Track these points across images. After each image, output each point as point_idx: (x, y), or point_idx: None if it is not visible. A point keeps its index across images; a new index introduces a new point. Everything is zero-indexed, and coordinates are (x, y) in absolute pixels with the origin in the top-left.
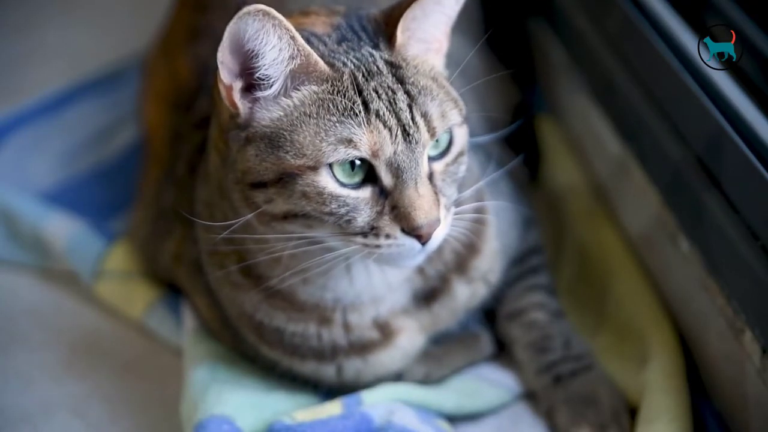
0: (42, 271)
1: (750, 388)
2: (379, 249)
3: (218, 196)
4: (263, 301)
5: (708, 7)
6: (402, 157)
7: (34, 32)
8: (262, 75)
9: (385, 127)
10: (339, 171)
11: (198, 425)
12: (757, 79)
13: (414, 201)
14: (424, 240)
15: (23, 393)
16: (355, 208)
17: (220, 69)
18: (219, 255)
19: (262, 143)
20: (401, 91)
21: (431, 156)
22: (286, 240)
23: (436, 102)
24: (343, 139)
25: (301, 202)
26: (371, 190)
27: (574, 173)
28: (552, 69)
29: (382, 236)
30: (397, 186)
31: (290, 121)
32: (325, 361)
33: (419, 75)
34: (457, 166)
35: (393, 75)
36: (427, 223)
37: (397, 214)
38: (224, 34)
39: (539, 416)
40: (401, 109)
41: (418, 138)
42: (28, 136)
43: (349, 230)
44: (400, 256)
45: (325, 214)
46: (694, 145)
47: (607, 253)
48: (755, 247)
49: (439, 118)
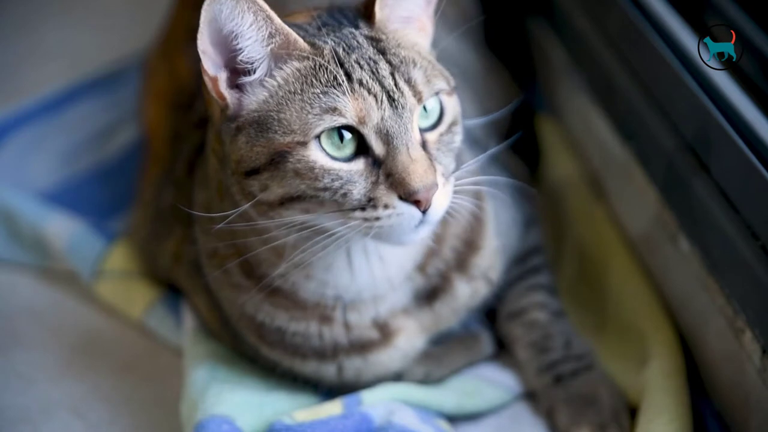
0: (42, 270)
1: (750, 388)
2: (379, 221)
3: (217, 199)
4: (265, 301)
5: (708, 7)
6: (390, 122)
7: (34, 32)
8: (245, 58)
9: (369, 94)
10: (328, 144)
11: (198, 425)
12: (757, 79)
13: (407, 166)
14: (423, 207)
15: (23, 393)
16: (349, 180)
17: (203, 60)
18: (218, 257)
19: (251, 129)
20: (383, 61)
21: (424, 127)
22: (287, 230)
23: (420, 70)
24: (328, 109)
25: (294, 182)
26: (364, 161)
27: (574, 173)
28: (552, 69)
29: (380, 207)
30: (389, 153)
31: (276, 101)
32: (326, 360)
33: (401, 48)
34: (451, 136)
35: (374, 47)
36: (423, 186)
37: (393, 182)
38: (200, 21)
39: (539, 416)
40: (384, 77)
41: (404, 103)
42: (28, 136)
43: (346, 205)
44: (401, 228)
45: (320, 190)
46: (693, 145)
47: (607, 253)
48: (755, 247)
49: (423, 83)
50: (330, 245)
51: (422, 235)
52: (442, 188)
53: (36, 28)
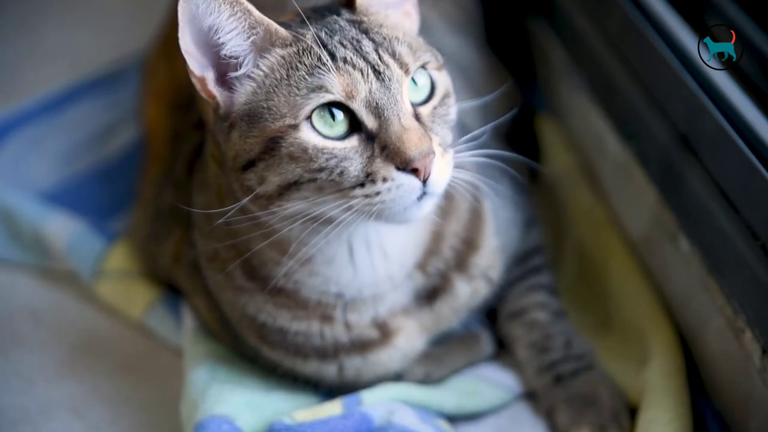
0: (42, 270)
1: (750, 387)
2: (380, 196)
3: (217, 203)
4: (268, 302)
5: (708, 7)
6: (378, 94)
7: (34, 32)
8: (228, 52)
9: (355, 69)
10: (320, 123)
11: (198, 425)
12: (757, 79)
13: (401, 135)
14: (422, 175)
15: (23, 393)
16: (344, 157)
17: (187, 61)
18: (219, 260)
19: (243, 123)
20: (366, 39)
21: (416, 102)
22: (289, 222)
23: (404, 45)
24: (314, 87)
25: (290, 167)
26: (357, 137)
27: (574, 173)
28: (552, 69)
29: (378, 181)
30: (381, 125)
31: (265, 91)
32: (328, 359)
33: (383, 27)
34: (445, 108)
35: (356, 29)
36: (419, 153)
37: (388, 153)
38: (179, 20)
39: (539, 416)
40: (368, 53)
41: (390, 75)
42: (28, 136)
43: (345, 184)
44: (403, 200)
45: (316, 171)
46: (693, 145)
47: (607, 253)
48: (755, 247)
49: (409, 55)
50: (332, 234)
51: (426, 210)
52: (441, 158)
53: (36, 28)
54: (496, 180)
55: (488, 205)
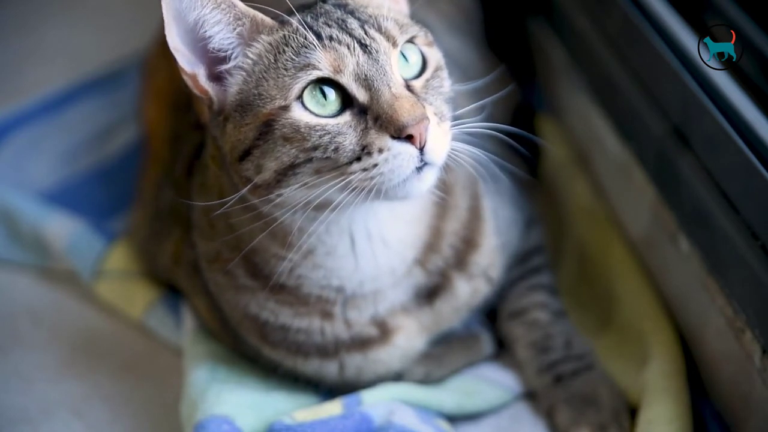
0: (42, 271)
1: (750, 387)
2: (378, 168)
3: (218, 205)
4: (270, 299)
5: (708, 7)
6: (366, 66)
7: (34, 32)
8: (216, 45)
9: (341, 45)
10: (311, 102)
11: (198, 425)
12: (757, 79)
13: (392, 103)
14: (418, 142)
15: (23, 393)
16: (338, 132)
17: (177, 58)
18: (221, 261)
19: (236, 114)
20: (351, 18)
21: (409, 77)
22: (290, 211)
23: (390, 20)
24: (302, 66)
25: (285, 149)
26: (350, 112)
27: (573, 173)
28: (552, 69)
29: (375, 152)
30: (372, 97)
31: (255, 79)
32: (328, 357)
33: (369, 7)
34: (439, 81)
35: (342, 10)
36: (412, 118)
37: (382, 123)
38: (164, 17)
39: (539, 416)
40: (353, 29)
41: (377, 47)
42: (28, 136)
43: (341, 160)
44: (402, 171)
45: (310, 150)
46: (693, 145)
47: (607, 253)
48: (755, 247)
49: (395, 28)
50: (332, 219)
51: (426, 182)
52: (437, 127)
53: (36, 28)
54: (494, 180)
55: (488, 204)
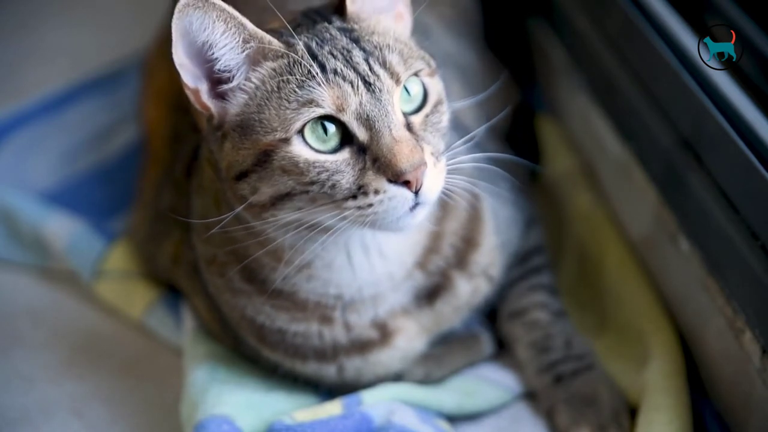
0: (42, 271)
1: (750, 387)
2: (373, 208)
3: (214, 207)
4: (266, 304)
5: (708, 7)
6: (369, 106)
7: (34, 32)
8: (222, 66)
9: (345, 81)
10: (312, 137)
11: (198, 425)
12: (757, 79)
13: (392, 147)
14: (414, 187)
15: (23, 393)
16: (336, 170)
17: (180, 73)
18: (217, 263)
19: (235, 134)
20: (356, 48)
21: (408, 111)
22: (283, 230)
23: (395, 53)
24: (305, 102)
25: (282, 180)
26: (349, 150)
27: (573, 173)
28: (552, 69)
29: (371, 193)
30: (372, 137)
31: (256, 103)
32: (327, 360)
33: (375, 34)
34: (438, 116)
35: (347, 37)
36: (410, 165)
37: (380, 166)
38: (172, 34)
39: (539, 416)
40: (358, 63)
41: (380, 86)
42: (28, 136)
43: (337, 196)
44: (396, 211)
45: (307, 184)
46: (693, 145)
47: (607, 253)
48: (755, 247)
49: (399, 64)
50: (328, 241)
51: (419, 219)
52: (433, 168)
53: (36, 28)
54: (494, 181)
55: (487, 203)
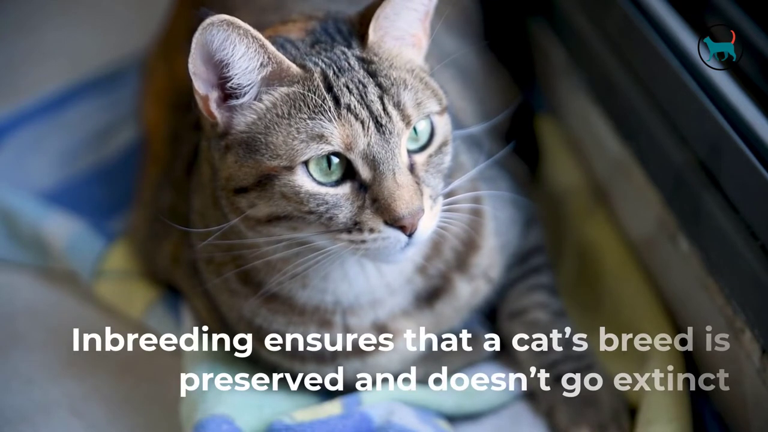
0: (42, 270)
1: (750, 388)
2: (365, 244)
3: (212, 205)
4: (262, 307)
5: (708, 7)
6: (377, 148)
7: (34, 32)
8: (234, 84)
9: (356, 120)
10: (315, 169)
11: (197, 425)
12: (757, 79)
13: (393, 192)
14: (408, 231)
15: (23, 393)
16: (335, 205)
17: (193, 80)
18: (215, 264)
19: (240, 149)
20: (372, 84)
21: (412, 149)
22: (276, 243)
23: (411, 92)
24: (314, 136)
25: (281, 203)
26: (350, 185)
27: (574, 173)
28: (552, 69)
29: (366, 231)
30: (375, 178)
31: (264, 124)
32: (325, 363)
33: (393, 68)
34: (441, 157)
35: (365, 70)
36: (408, 213)
37: (378, 207)
38: (192, 45)
39: (539, 416)
40: (372, 101)
41: (391, 128)
42: (28, 136)
43: (332, 227)
44: (387, 250)
45: (306, 213)
46: (693, 145)
47: (607, 253)
48: (755, 247)
49: (413, 106)
50: (321, 259)
51: (409, 255)
52: (429, 211)
53: (36, 28)
54: (494, 181)
55: (488, 204)
